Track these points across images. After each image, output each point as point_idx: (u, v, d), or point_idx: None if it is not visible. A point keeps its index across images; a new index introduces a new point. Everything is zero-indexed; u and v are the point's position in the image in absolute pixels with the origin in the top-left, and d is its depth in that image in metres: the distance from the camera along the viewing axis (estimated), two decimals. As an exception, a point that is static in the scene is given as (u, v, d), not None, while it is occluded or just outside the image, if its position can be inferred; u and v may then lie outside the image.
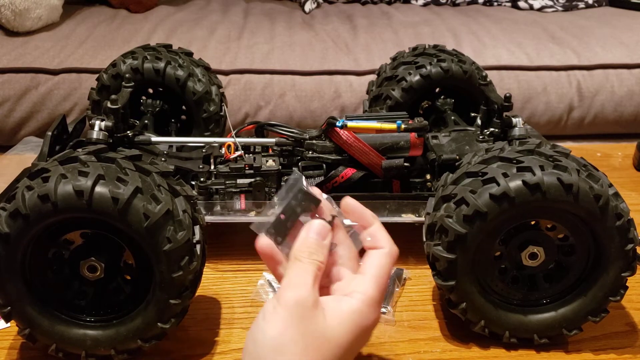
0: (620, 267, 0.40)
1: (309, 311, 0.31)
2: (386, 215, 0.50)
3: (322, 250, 0.33)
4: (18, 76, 1.01)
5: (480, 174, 0.40)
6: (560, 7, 1.40)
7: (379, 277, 0.33)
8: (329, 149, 0.51)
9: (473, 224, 0.39)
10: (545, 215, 0.41)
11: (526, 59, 1.08)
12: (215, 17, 1.27)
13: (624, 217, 0.39)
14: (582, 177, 0.39)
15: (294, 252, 0.33)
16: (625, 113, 1.08)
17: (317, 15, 1.33)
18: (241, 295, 0.48)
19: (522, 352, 0.43)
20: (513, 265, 0.42)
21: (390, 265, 0.34)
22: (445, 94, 0.65)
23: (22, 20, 1.10)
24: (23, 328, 0.39)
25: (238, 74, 1.04)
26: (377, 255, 0.34)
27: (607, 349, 0.43)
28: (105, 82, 0.62)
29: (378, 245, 0.35)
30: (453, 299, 0.42)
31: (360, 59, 1.08)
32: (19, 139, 0.91)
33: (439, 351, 0.43)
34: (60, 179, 0.36)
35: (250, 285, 0.49)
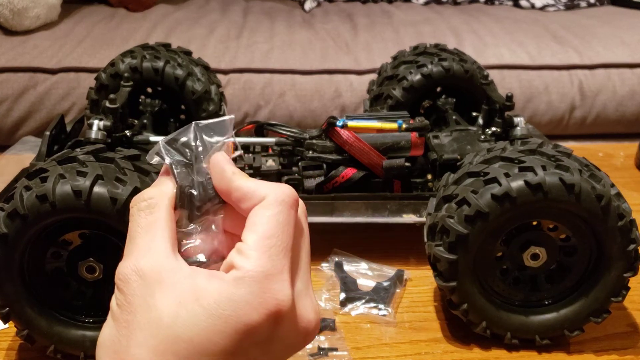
0: (622, 268, 0.40)
1: (150, 288, 0.20)
2: (387, 216, 0.50)
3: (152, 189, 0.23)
4: (16, 75, 1.01)
5: (481, 174, 0.40)
6: (562, 6, 1.40)
7: (263, 240, 0.21)
8: (330, 148, 0.51)
9: (474, 224, 0.39)
10: (547, 215, 0.41)
11: (528, 58, 1.08)
12: (214, 16, 1.26)
13: (626, 218, 0.39)
14: (584, 177, 0.39)
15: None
16: (627, 113, 1.08)
17: (317, 14, 1.32)
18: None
19: (523, 353, 0.43)
20: (514, 265, 0.42)
21: (283, 215, 0.22)
22: (447, 94, 0.65)
23: (21, 19, 1.10)
24: (21, 329, 0.39)
25: (237, 73, 1.04)
26: (258, 211, 0.22)
27: (609, 349, 0.43)
28: (104, 82, 0.62)
29: (256, 198, 0.22)
30: (454, 299, 0.41)
31: (361, 58, 1.07)
32: (17, 139, 0.90)
33: (440, 352, 0.43)
34: (59, 179, 0.36)
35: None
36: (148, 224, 0.22)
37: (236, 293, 0.20)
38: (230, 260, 0.21)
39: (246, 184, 0.23)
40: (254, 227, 0.22)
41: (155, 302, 0.20)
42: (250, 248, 0.21)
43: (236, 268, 0.21)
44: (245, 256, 0.21)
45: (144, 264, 0.21)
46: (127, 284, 0.21)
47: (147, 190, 0.24)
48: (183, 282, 0.21)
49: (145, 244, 0.22)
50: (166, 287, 0.21)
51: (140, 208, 0.23)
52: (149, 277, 0.21)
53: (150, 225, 0.22)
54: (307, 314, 0.22)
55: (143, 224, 0.22)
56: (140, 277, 0.21)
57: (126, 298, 0.21)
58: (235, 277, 0.20)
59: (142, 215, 0.23)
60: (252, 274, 0.20)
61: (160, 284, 0.21)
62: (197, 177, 0.24)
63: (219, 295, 0.20)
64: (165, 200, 0.23)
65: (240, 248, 0.21)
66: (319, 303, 0.46)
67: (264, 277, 0.21)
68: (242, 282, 0.20)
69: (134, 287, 0.21)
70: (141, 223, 0.22)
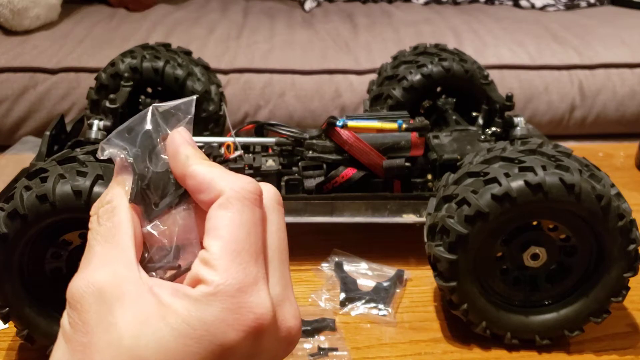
0: (623, 268, 0.40)
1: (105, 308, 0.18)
2: (387, 216, 0.50)
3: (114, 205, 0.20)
4: (16, 75, 1.01)
5: (481, 174, 0.40)
6: (562, 6, 1.40)
7: (241, 246, 0.19)
8: (329, 148, 0.51)
9: (474, 224, 0.39)
10: (547, 215, 0.41)
11: (528, 58, 1.08)
12: (214, 15, 1.26)
13: (626, 218, 0.39)
14: (584, 177, 0.39)
15: None
16: (627, 112, 1.08)
17: (317, 14, 1.32)
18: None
19: (523, 353, 0.42)
20: (515, 266, 0.42)
21: (246, 215, 0.19)
22: (447, 94, 0.65)
23: (20, 19, 1.10)
24: (21, 329, 0.39)
25: (237, 73, 1.04)
26: (217, 212, 0.19)
27: (609, 349, 0.43)
28: (104, 82, 0.62)
29: (212, 192, 0.20)
30: (454, 300, 0.41)
31: (361, 58, 1.07)
32: (17, 139, 0.91)
33: (440, 352, 0.43)
34: (59, 179, 0.36)
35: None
36: (106, 231, 0.20)
37: (208, 311, 0.17)
38: (196, 273, 0.18)
39: (201, 171, 0.20)
40: (215, 231, 0.19)
41: (116, 321, 0.17)
42: (216, 257, 0.18)
43: (204, 282, 0.18)
44: (212, 267, 0.18)
45: (100, 277, 0.18)
46: (81, 301, 0.18)
47: (104, 194, 0.21)
48: (145, 297, 0.18)
49: (102, 254, 0.19)
50: (127, 303, 0.18)
51: (98, 215, 0.20)
52: (107, 292, 0.18)
53: (108, 233, 0.20)
54: (288, 321, 0.19)
55: (101, 231, 0.20)
56: (96, 292, 0.18)
57: (80, 317, 0.18)
58: (204, 294, 0.18)
59: (101, 221, 0.20)
60: (223, 288, 0.18)
61: (120, 300, 0.18)
62: (154, 168, 0.21)
63: (189, 314, 0.17)
64: (123, 202, 0.20)
65: (205, 258, 0.18)
66: (319, 303, 0.46)
67: (238, 290, 0.18)
68: (214, 299, 0.18)
69: (89, 304, 0.18)
70: (100, 231, 0.20)
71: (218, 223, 0.19)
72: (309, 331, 0.43)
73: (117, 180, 0.21)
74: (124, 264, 0.19)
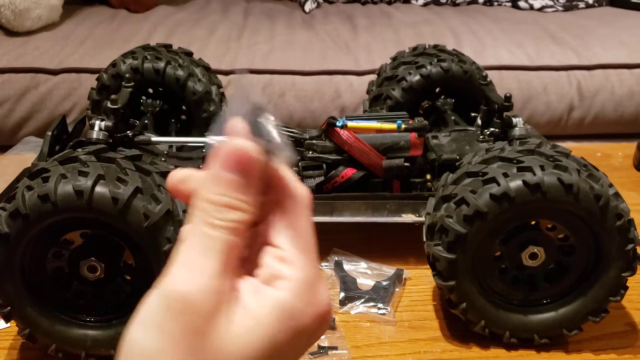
0: (621, 267, 0.40)
1: (205, 317, 0.18)
2: (386, 215, 0.50)
3: (247, 202, 0.20)
4: (18, 76, 1.01)
5: (480, 174, 0.40)
6: (560, 7, 1.40)
7: (304, 245, 0.21)
8: (329, 149, 0.51)
9: (473, 224, 0.39)
10: (546, 215, 0.41)
11: (526, 59, 1.08)
12: (215, 17, 1.26)
13: (624, 217, 0.39)
14: (583, 177, 0.39)
15: (196, 199, 0.20)
16: (625, 113, 1.08)
17: (317, 15, 1.33)
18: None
19: (522, 352, 0.43)
20: (513, 265, 0.42)
21: (303, 216, 0.21)
22: (446, 94, 0.65)
23: (22, 20, 1.10)
24: (23, 328, 0.39)
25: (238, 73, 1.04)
26: (285, 214, 0.21)
27: (608, 349, 0.43)
28: (105, 82, 0.62)
29: (287, 193, 0.21)
30: (453, 299, 0.42)
31: (361, 59, 1.08)
32: (18, 139, 0.91)
33: (439, 351, 0.43)
34: (60, 179, 0.36)
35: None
36: (213, 241, 0.19)
37: (293, 306, 0.20)
38: (274, 270, 0.20)
39: (288, 174, 0.21)
40: (292, 231, 0.21)
41: (216, 330, 0.18)
42: (294, 255, 0.20)
43: (285, 279, 0.20)
44: (292, 264, 0.20)
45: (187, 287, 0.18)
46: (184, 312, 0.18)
47: (239, 206, 0.20)
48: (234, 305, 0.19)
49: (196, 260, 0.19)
50: (223, 313, 0.19)
51: (225, 228, 0.19)
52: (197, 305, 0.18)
53: (214, 243, 0.19)
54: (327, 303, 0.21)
55: (209, 239, 0.19)
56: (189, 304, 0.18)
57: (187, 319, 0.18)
58: (289, 289, 0.20)
59: (213, 229, 0.19)
60: (303, 283, 0.20)
61: (217, 312, 0.19)
62: None
63: (277, 312, 0.19)
64: (249, 218, 0.20)
65: (282, 256, 0.20)
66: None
67: (312, 283, 0.20)
68: (297, 293, 0.20)
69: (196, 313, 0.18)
70: (208, 236, 0.19)
71: (296, 224, 0.21)
72: (309, 330, 0.43)
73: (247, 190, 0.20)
74: (215, 275, 0.19)
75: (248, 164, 0.20)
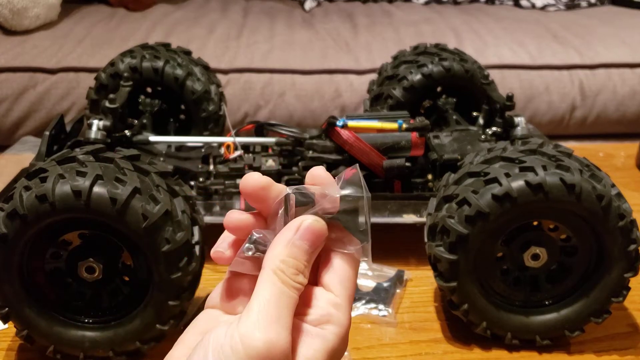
0: (623, 268, 0.40)
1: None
2: (387, 216, 0.50)
3: (308, 268, 0.23)
4: (16, 75, 1.00)
5: (482, 174, 0.40)
6: (562, 5, 1.40)
7: (351, 296, 0.24)
8: (330, 148, 0.51)
9: (475, 224, 0.39)
10: (548, 215, 0.40)
11: (528, 58, 1.08)
12: (214, 15, 1.26)
13: (627, 218, 0.39)
14: (585, 177, 0.38)
15: (271, 263, 0.23)
16: (627, 112, 1.08)
17: (318, 13, 1.32)
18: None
19: (524, 354, 0.42)
20: (515, 266, 0.42)
21: (356, 274, 0.25)
22: (447, 93, 0.65)
23: (20, 19, 1.10)
24: (21, 329, 0.39)
25: (237, 73, 1.03)
26: (344, 264, 0.24)
27: (610, 350, 0.43)
28: (104, 82, 0.62)
29: (343, 246, 0.24)
30: (455, 300, 0.41)
31: (361, 58, 1.07)
32: (16, 139, 0.90)
33: (441, 353, 0.42)
34: (58, 179, 0.36)
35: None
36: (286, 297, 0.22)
37: (337, 349, 0.23)
38: (329, 314, 0.23)
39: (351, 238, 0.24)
40: (345, 282, 0.24)
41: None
42: (344, 305, 0.23)
43: (335, 324, 0.23)
44: (342, 312, 0.23)
45: (277, 339, 0.21)
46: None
47: (304, 272, 0.23)
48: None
49: (283, 317, 0.22)
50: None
51: (293, 279, 0.22)
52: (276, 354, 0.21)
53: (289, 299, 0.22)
54: None
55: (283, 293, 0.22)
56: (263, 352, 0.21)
57: None
58: (337, 335, 0.23)
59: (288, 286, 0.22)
60: (344, 329, 0.23)
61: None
62: None
63: (328, 356, 0.22)
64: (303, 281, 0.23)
65: (337, 303, 0.23)
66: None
67: (348, 328, 0.23)
68: (343, 338, 0.23)
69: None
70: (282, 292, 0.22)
71: (347, 275, 0.24)
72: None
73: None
74: (288, 329, 0.22)
75: (319, 240, 0.23)
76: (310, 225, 0.23)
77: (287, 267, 0.22)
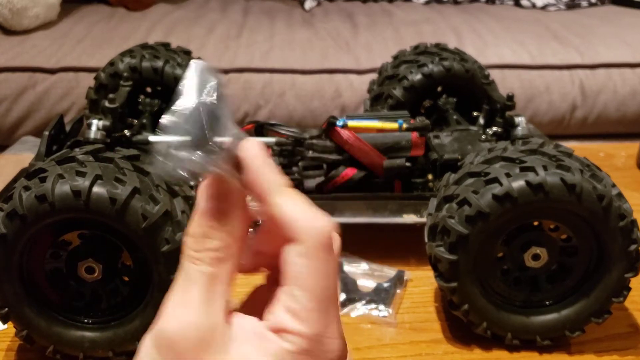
0: (624, 268, 0.40)
1: (192, 353, 0.18)
2: (387, 216, 0.50)
3: (221, 227, 0.19)
4: (15, 75, 1.00)
5: (482, 174, 0.40)
6: (563, 5, 1.40)
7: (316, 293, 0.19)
8: (330, 148, 0.51)
9: (475, 224, 0.39)
10: (548, 215, 0.40)
11: (529, 58, 1.08)
12: (214, 15, 1.26)
13: (627, 218, 0.39)
14: (585, 177, 0.38)
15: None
16: (628, 112, 1.08)
17: (318, 13, 1.32)
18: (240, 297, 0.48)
19: (524, 354, 0.42)
20: (515, 266, 0.42)
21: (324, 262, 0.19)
22: (448, 93, 0.64)
23: (20, 18, 1.10)
24: (21, 329, 0.39)
25: (237, 72, 1.03)
26: (297, 261, 0.19)
27: (610, 350, 0.43)
28: (103, 81, 0.62)
29: (289, 238, 0.19)
30: (455, 300, 0.41)
31: (361, 58, 1.07)
32: (16, 139, 0.90)
33: (441, 353, 0.42)
34: (58, 179, 0.36)
35: (249, 287, 0.49)
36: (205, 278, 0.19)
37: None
38: (282, 322, 0.19)
39: (285, 210, 0.19)
40: (300, 281, 0.19)
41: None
42: (304, 309, 0.19)
43: (292, 333, 0.19)
44: (302, 320, 0.19)
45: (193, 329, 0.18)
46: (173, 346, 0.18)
47: (213, 235, 0.19)
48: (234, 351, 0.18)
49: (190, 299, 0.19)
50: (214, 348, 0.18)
51: (203, 260, 0.19)
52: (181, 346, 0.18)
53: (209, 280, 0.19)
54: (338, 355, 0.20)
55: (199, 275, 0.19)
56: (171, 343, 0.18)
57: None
58: (296, 344, 0.18)
59: (202, 265, 0.19)
60: (311, 341, 0.19)
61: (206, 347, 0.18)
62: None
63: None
64: (234, 250, 0.19)
65: (293, 310, 0.19)
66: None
67: (322, 339, 0.19)
68: (304, 351, 0.18)
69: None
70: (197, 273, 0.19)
71: (301, 271, 0.19)
72: (309, 332, 0.42)
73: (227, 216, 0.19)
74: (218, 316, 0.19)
75: (217, 188, 0.19)
76: (211, 182, 0.19)
77: (189, 239, 0.19)
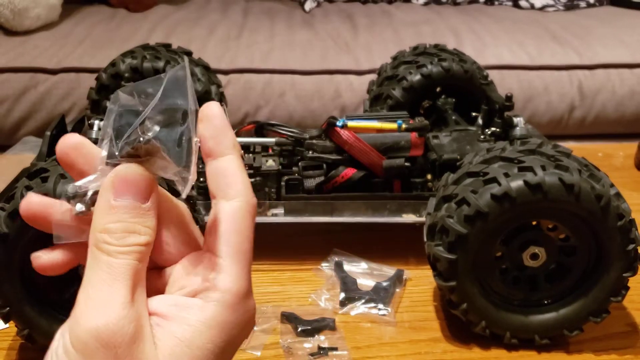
0: (622, 268, 0.40)
1: (126, 348, 0.18)
2: (387, 216, 0.50)
3: (147, 220, 0.19)
4: (17, 76, 1.01)
5: (481, 173, 0.40)
6: (561, 6, 1.40)
7: (242, 251, 0.20)
8: (329, 148, 0.51)
9: (474, 224, 0.39)
10: (547, 215, 0.41)
11: (527, 59, 1.08)
12: (214, 16, 1.26)
13: (626, 218, 0.39)
14: (584, 177, 0.39)
15: (93, 238, 0.19)
16: (626, 113, 1.08)
17: (317, 14, 1.33)
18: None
19: (523, 353, 0.43)
20: (514, 265, 0.42)
21: (250, 225, 0.20)
22: (446, 94, 0.65)
23: (21, 19, 1.10)
24: (22, 329, 0.39)
25: (238, 73, 1.04)
26: (231, 214, 0.20)
27: (609, 349, 0.43)
28: (105, 82, 0.62)
29: (227, 193, 0.20)
30: (454, 299, 0.41)
31: (361, 59, 1.08)
32: (17, 139, 0.90)
33: (440, 352, 0.43)
34: (60, 178, 0.36)
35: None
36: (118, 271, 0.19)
37: (226, 320, 0.19)
38: (207, 279, 0.19)
39: (232, 164, 0.20)
40: (227, 236, 0.20)
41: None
42: (229, 266, 0.19)
43: (220, 290, 0.19)
44: (227, 274, 0.19)
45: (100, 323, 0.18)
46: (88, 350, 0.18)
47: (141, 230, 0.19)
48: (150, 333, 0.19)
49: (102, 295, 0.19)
50: (145, 339, 0.18)
51: (129, 255, 0.19)
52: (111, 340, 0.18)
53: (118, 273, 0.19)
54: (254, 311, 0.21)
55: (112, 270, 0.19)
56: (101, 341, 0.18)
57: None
58: (219, 302, 0.19)
59: (116, 255, 0.19)
60: (236, 296, 0.19)
61: (139, 339, 0.18)
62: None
63: (214, 330, 0.19)
64: (151, 239, 0.19)
65: (218, 265, 0.19)
66: (319, 303, 0.46)
67: (245, 295, 0.20)
68: (229, 306, 0.19)
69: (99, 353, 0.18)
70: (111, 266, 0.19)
71: (233, 228, 0.20)
72: (309, 331, 0.43)
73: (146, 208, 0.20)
74: (124, 305, 0.18)
75: (143, 187, 0.19)
76: (124, 177, 0.19)
77: (110, 236, 0.19)
